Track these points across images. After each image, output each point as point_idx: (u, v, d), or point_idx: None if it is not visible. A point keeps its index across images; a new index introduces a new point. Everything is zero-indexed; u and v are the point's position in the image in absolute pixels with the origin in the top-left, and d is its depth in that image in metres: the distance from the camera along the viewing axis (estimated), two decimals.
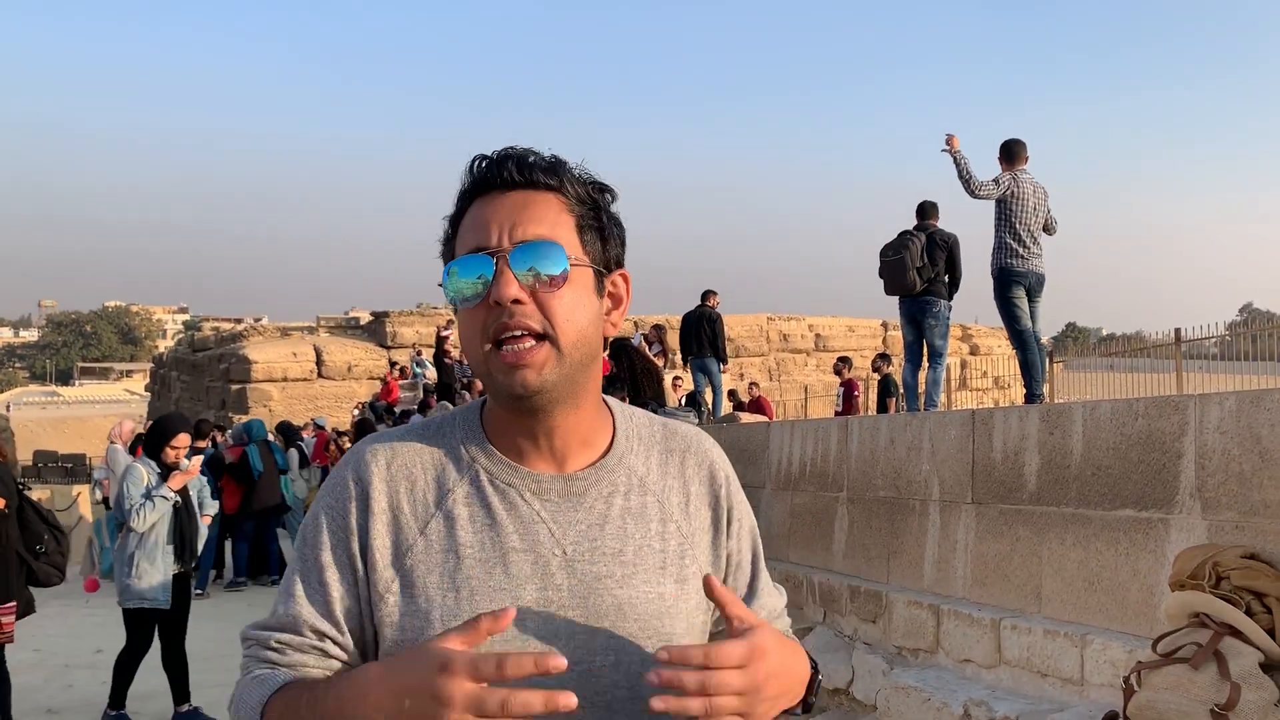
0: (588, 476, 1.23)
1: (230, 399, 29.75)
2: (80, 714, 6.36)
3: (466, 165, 1.21)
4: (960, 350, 35.35)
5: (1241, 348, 18.36)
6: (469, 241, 1.18)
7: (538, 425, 1.20)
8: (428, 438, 1.26)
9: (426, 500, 1.21)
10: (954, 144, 7.70)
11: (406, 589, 1.17)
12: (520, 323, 1.13)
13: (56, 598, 10.88)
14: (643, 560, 1.21)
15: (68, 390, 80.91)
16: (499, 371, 1.15)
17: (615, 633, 1.18)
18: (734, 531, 1.32)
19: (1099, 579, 4.35)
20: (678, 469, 1.30)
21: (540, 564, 1.18)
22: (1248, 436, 3.76)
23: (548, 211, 1.18)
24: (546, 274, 1.15)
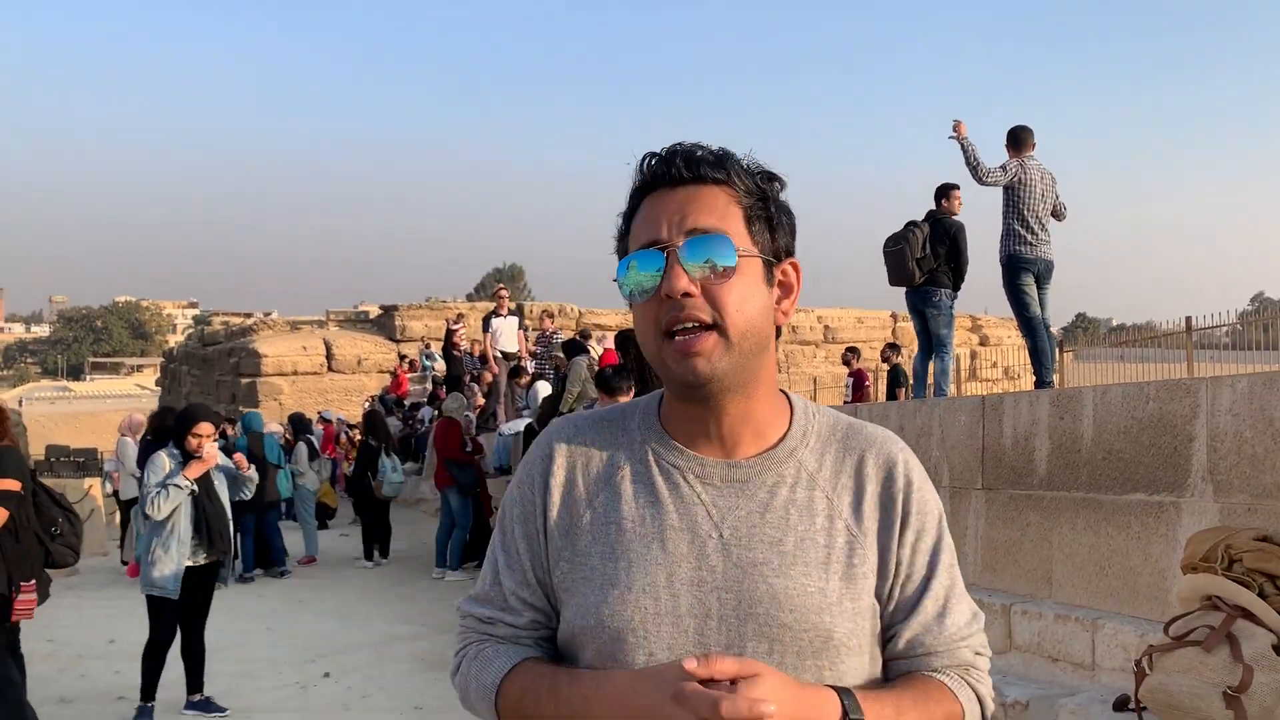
0: (753, 465, 1.25)
1: (241, 393, 29.82)
2: (93, 704, 6.40)
3: (637, 163, 1.26)
4: (970, 341, 35.25)
5: (1253, 336, 18.26)
6: (641, 237, 1.22)
7: (709, 413, 1.24)
8: (609, 421, 1.33)
9: (598, 477, 1.28)
10: (961, 130, 7.66)
11: (575, 557, 1.25)
12: (690, 315, 1.17)
13: (70, 589, 10.95)
14: (803, 553, 1.21)
15: (79, 385, 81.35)
16: (672, 361, 1.19)
17: (769, 620, 1.18)
18: (908, 540, 1.26)
19: (1110, 563, 4.34)
20: (854, 469, 1.28)
21: (696, 544, 1.21)
22: (1260, 418, 3.74)
23: (715, 204, 1.21)
24: (715, 266, 1.18)
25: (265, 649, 7.87)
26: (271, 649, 7.87)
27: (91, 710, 6.25)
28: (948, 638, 1.26)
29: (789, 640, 1.18)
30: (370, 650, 7.73)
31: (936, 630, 1.25)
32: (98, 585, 11.28)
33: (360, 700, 6.38)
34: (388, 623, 8.79)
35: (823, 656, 1.19)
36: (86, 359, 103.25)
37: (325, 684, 6.79)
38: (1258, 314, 20.57)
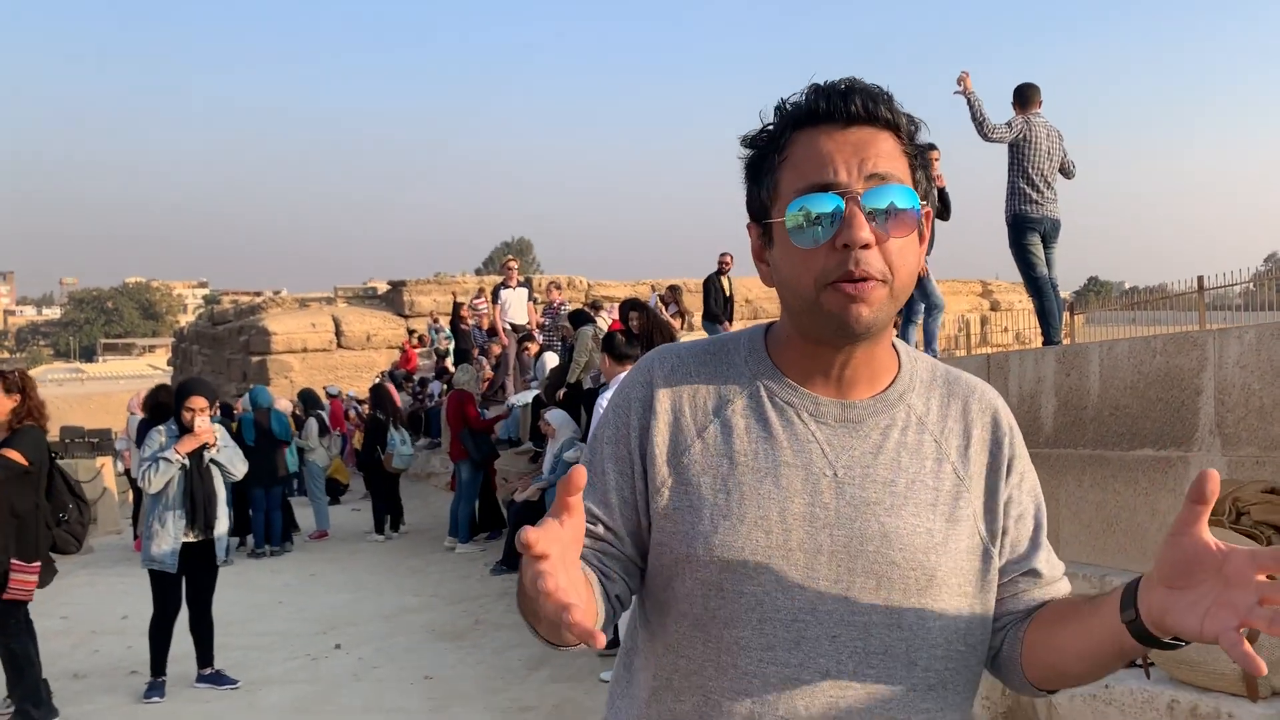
0: (867, 406, 1.25)
1: (251, 371, 29.91)
2: (106, 678, 6.44)
3: (797, 96, 1.20)
4: (981, 306, 35.09)
5: (1266, 296, 18.12)
6: (810, 175, 1.16)
7: (837, 355, 1.22)
8: (712, 353, 1.31)
9: (706, 407, 1.26)
10: (967, 83, 7.54)
11: (680, 485, 1.23)
12: (864, 269, 1.13)
13: (84, 567, 11.04)
14: (914, 494, 1.22)
15: (92, 367, 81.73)
16: (834, 306, 1.15)
17: (879, 558, 1.19)
18: (1014, 481, 1.29)
19: (1117, 520, 4.30)
20: (959, 413, 1.29)
21: (810, 481, 1.20)
22: (1269, 370, 3.68)
23: (892, 150, 1.18)
24: (894, 217, 1.15)
25: (277, 622, 7.91)
26: (283, 622, 7.92)
27: (104, 685, 6.29)
28: (1058, 571, 1.33)
29: (896, 578, 1.19)
30: (381, 622, 7.77)
31: (1057, 564, 1.33)
32: (110, 562, 11.36)
33: (371, 671, 6.41)
34: (399, 595, 8.83)
35: (926, 595, 1.20)
36: (98, 340, 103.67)
37: (336, 655, 6.83)
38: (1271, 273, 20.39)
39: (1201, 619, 1.00)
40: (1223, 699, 3.21)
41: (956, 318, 30.32)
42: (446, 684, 6.04)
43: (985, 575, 1.25)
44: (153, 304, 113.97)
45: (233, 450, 6.23)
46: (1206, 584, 1.01)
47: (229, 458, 6.13)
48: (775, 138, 1.21)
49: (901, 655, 1.19)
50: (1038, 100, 7.63)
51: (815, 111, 1.18)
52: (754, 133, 1.24)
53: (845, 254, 1.13)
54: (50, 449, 5.25)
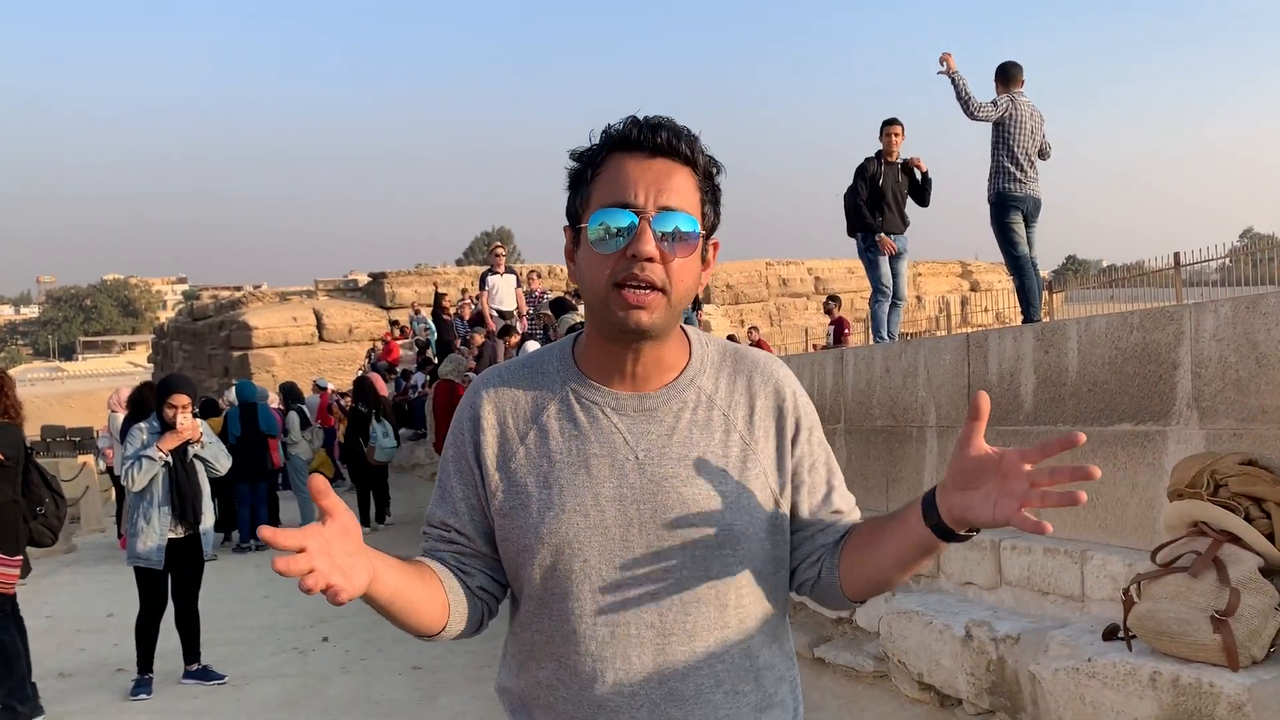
0: (660, 395, 1.46)
1: (233, 366, 29.77)
2: (92, 677, 6.42)
3: (616, 123, 1.41)
4: (961, 286, 35.21)
5: (1242, 272, 18.23)
6: (615, 193, 1.37)
7: (628, 354, 1.43)
8: (529, 368, 1.52)
9: (526, 416, 1.47)
10: (950, 63, 7.53)
11: (511, 487, 1.45)
12: (647, 277, 1.35)
13: (68, 565, 10.99)
14: (706, 464, 1.43)
15: (71, 365, 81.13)
16: (618, 307, 1.36)
17: (681, 522, 1.40)
18: (802, 440, 1.51)
19: (1097, 495, 4.33)
20: (745, 387, 1.50)
21: (616, 466, 1.41)
22: (1244, 342, 3.71)
23: (685, 183, 1.39)
24: (678, 240, 1.37)
25: (264, 616, 7.89)
26: (269, 616, 7.90)
27: (90, 683, 6.26)
28: (852, 503, 1.56)
29: (698, 536, 1.40)
30: (368, 614, 7.68)
31: (850, 498, 1.56)
32: (95, 560, 11.31)
33: (359, 662, 6.40)
34: None
35: (726, 547, 1.41)
36: (78, 338, 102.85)
37: (324, 648, 6.82)
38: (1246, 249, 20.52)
39: (993, 509, 1.26)
40: (1204, 669, 3.24)
41: (937, 298, 30.44)
42: (434, 674, 6.04)
43: (775, 521, 1.47)
44: (132, 301, 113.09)
45: (217, 446, 6.19)
46: (990, 483, 1.27)
47: (213, 453, 6.10)
48: (593, 156, 1.42)
49: (713, 600, 1.41)
50: (1020, 79, 7.64)
51: (628, 139, 1.39)
52: (579, 149, 1.44)
53: (633, 262, 1.34)
54: (26, 445, 5.23)
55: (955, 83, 7.47)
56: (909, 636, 4.69)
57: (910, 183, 8.76)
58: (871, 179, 8.69)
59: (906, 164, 8.86)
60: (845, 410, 6.35)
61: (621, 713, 1.39)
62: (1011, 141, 7.48)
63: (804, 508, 1.50)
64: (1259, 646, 3.23)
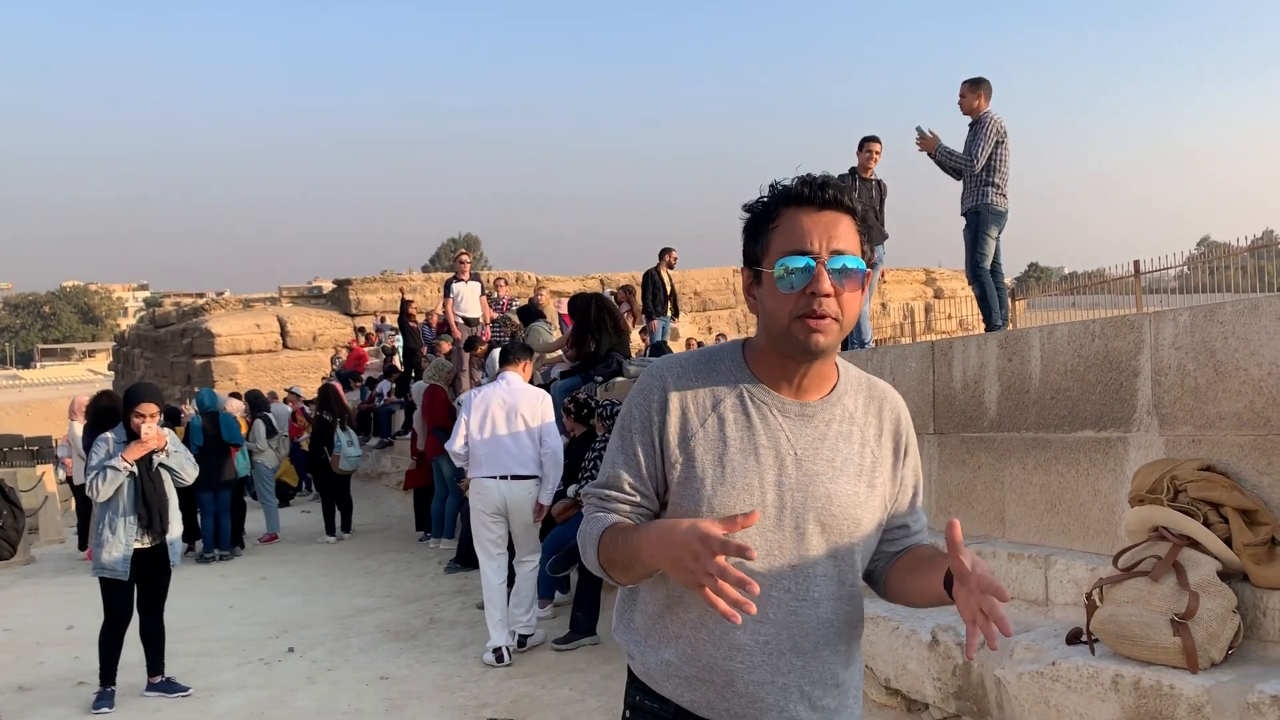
0: (817, 405, 1.77)
1: (195, 373, 29.40)
2: (52, 690, 6.32)
3: (788, 180, 1.71)
4: (924, 294, 35.52)
5: (1200, 279, 18.57)
6: (795, 241, 1.67)
7: (800, 368, 1.73)
8: (704, 364, 1.80)
9: (705, 405, 1.76)
10: (928, 144, 7.55)
11: (688, 462, 1.74)
12: (825, 310, 1.64)
13: (27, 577, 10.81)
14: (847, 467, 1.76)
15: (29, 373, 79.76)
16: (801, 334, 1.66)
17: (824, 512, 1.73)
18: (909, 464, 1.86)
19: (1061, 501, 4.39)
20: (876, 411, 1.83)
21: (779, 458, 1.72)
22: (1202, 350, 3.78)
23: (848, 229, 1.68)
24: (847, 277, 1.66)
25: (228, 627, 7.81)
26: (234, 627, 7.81)
27: (51, 697, 6.17)
28: (923, 525, 1.92)
29: (834, 525, 1.74)
30: (334, 624, 7.70)
31: (924, 521, 1.92)
32: (54, 572, 11.13)
33: (325, 673, 6.35)
34: (351, 596, 8.76)
35: (854, 535, 1.76)
36: (36, 346, 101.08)
37: (290, 659, 6.76)
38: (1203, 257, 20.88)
39: (962, 607, 1.54)
40: (1164, 671, 3.29)
41: (901, 306, 30.69)
42: (402, 684, 6.01)
43: (882, 524, 1.84)
44: (92, 307, 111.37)
45: (183, 454, 6.11)
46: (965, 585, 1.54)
47: (179, 462, 6.03)
48: (769, 209, 1.72)
49: (835, 577, 1.76)
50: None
51: (800, 195, 1.69)
52: (752, 202, 1.75)
53: (812, 299, 1.64)
54: None
55: (939, 158, 7.53)
56: (876, 641, 4.73)
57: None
58: None
59: (880, 182, 8.96)
60: None
61: (755, 654, 1.71)
62: (1000, 160, 7.53)
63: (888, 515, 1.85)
64: (1218, 649, 3.29)
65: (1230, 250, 19.08)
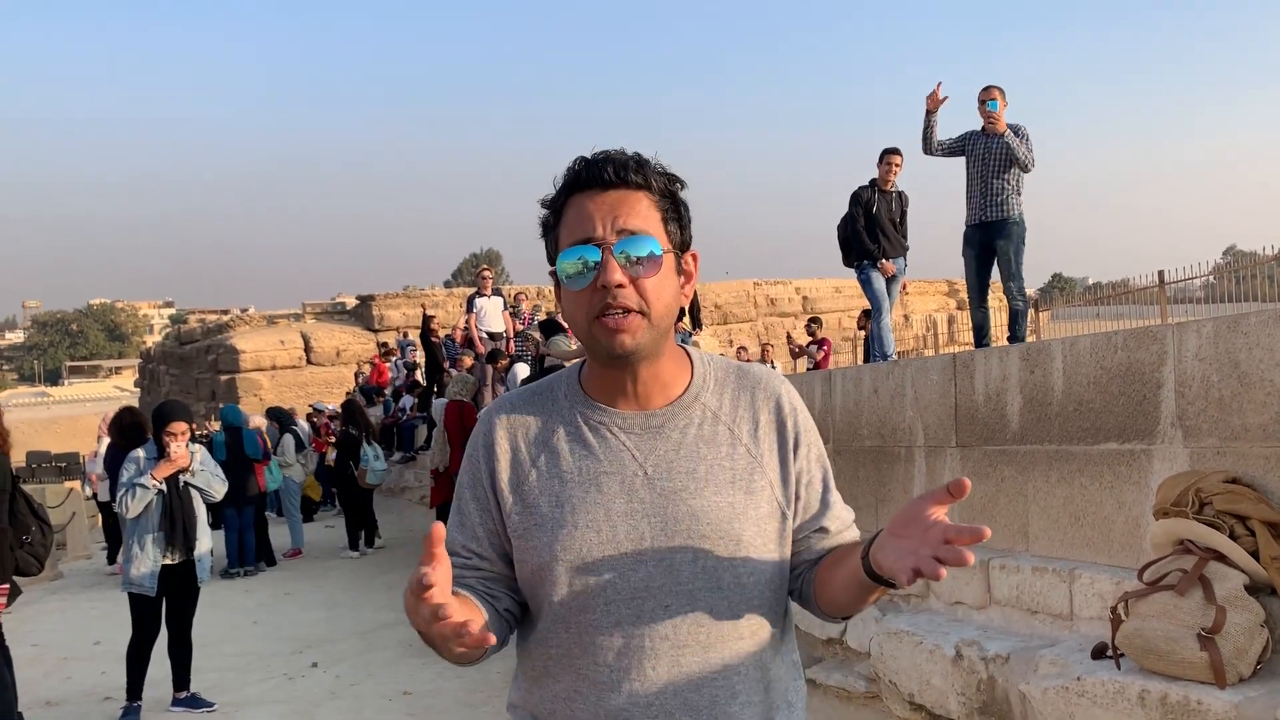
0: (665, 413, 1.51)
1: (220, 390, 29.65)
2: (79, 705, 6.37)
3: (569, 165, 1.47)
4: (947, 305, 35.36)
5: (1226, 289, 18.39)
6: (576, 232, 1.43)
7: (626, 376, 1.48)
8: (538, 395, 1.58)
9: (537, 440, 1.52)
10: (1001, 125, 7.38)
11: (526, 509, 1.49)
12: (620, 302, 1.40)
13: (54, 593, 10.90)
14: (714, 476, 1.47)
15: (57, 390, 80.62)
16: (602, 336, 1.42)
17: (691, 534, 1.44)
18: (801, 454, 1.55)
19: (1084, 514, 4.36)
20: (748, 402, 1.55)
21: (626, 483, 1.46)
22: (1226, 361, 3.75)
23: (639, 207, 1.44)
24: (642, 262, 1.41)
25: (252, 642, 7.85)
26: (258, 642, 7.85)
27: (78, 712, 6.22)
28: (849, 519, 1.60)
29: (708, 547, 1.44)
30: (358, 639, 7.72)
31: (845, 516, 1.59)
32: (81, 588, 11.22)
33: (349, 688, 6.37)
34: (375, 610, 8.78)
35: (736, 557, 1.45)
36: (64, 363, 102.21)
37: (313, 674, 6.78)
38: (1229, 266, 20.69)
39: (893, 560, 1.27)
40: (1191, 687, 3.26)
41: (924, 317, 30.56)
42: (425, 699, 6.02)
43: (782, 533, 1.52)
44: (118, 325, 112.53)
45: (210, 471, 6.17)
46: (913, 538, 1.25)
47: (206, 480, 6.08)
48: (555, 201, 1.49)
49: (724, 611, 1.44)
50: None
51: (579, 179, 1.45)
52: (546, 197, 1.51)
53: (603, 293, 1.40)
54: (13, 473, 5.22)
55: (1011, 148, 7.35)
56: (900, 657, 4.70)
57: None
58: (866, 206, 8.76)
59: (902, 194, 8.96)
60: (834, 430, 6.37)
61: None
62: (1021, 167, 7.45)
63: (796, 521, 1.54)
64: (1245, 664, 3.25)
65: (1257, 259, 18.90)
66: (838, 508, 1.59)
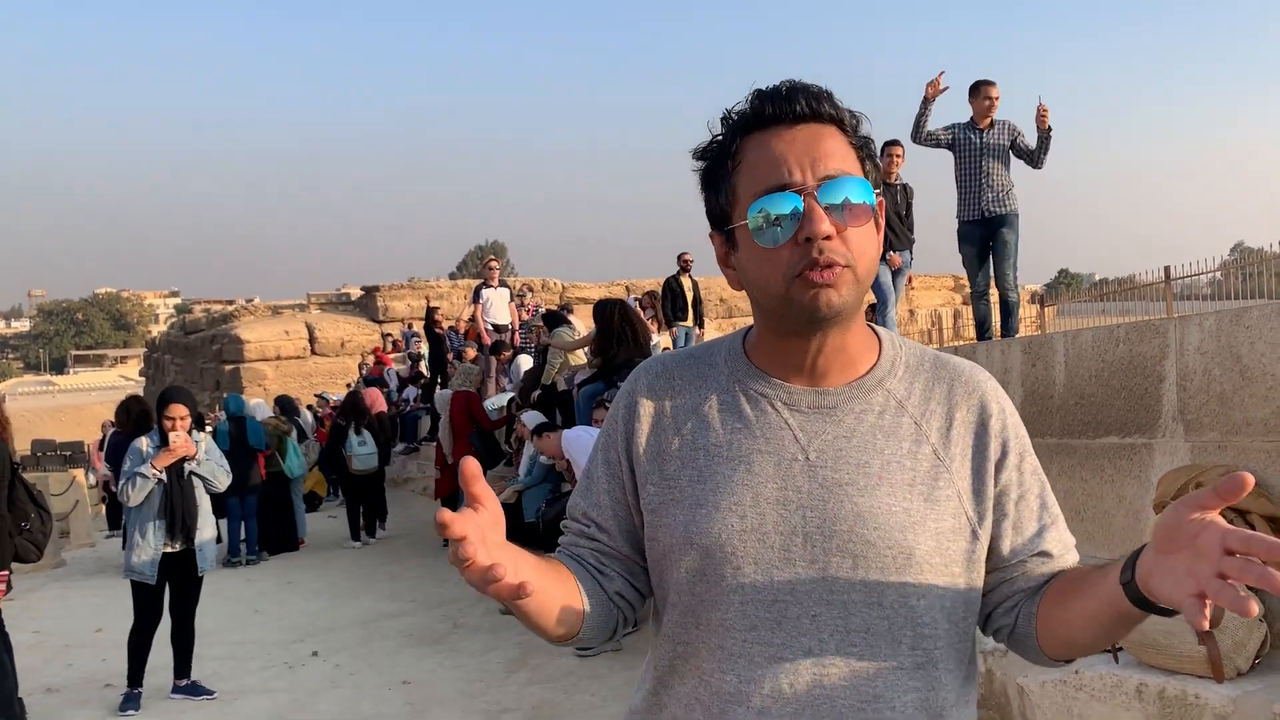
0: (842, 393, 1.28)
1: (224, 380, 29.71)
2: (80, 692, 6.39)
3: (744, 101, 1.24)
4: (953, 300, 35.31)
5: (1233, 285, 18.35)
6: (765, 178, 1.20)
7: (807, 345, 1.26)
8: (694, 357, 1.38)
9: (686, 406, 1.33)
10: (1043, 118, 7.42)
11: (662, 480, 1.30)
12: (829, 258, 1.18)
13: (56, 580, 10.95)
14: (889, 474, 1.24)
15: (63, 379, 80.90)
16: (803, 295, 1.19)
17: (853, 537, 1.21)
18: (1010, 465, 1.29)
19: (1085, 507, 4.35)
20: (943, 396, 1.30)
21: (783, 466, 1.24)
22: (1228, 356, 3.74)
23: (840, 145, 1.22)
24: (851, 210, 1.20)
25: (253, 631, 7.87)
26: (259, 631, 7.87)
27: (78, 698, 6.24)
28: (1068, 544, 1.32)
29: (872, 557, 1.21)
30: (359, 628, 7.74)
31: (1066, 539, 1.32)
32: (83, 575, 11.27)
33: (349, 677, 6.39)
34: (376, 600, 8.80)
35: (906, 573, 1.21)
36: (69, 352, 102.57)
37: (314, 663, 6.80)
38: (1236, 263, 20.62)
39: (1171, 587, 1.03)
40: (1189, 681, 3.26)
41: (929, 312, 30.53)
42: (425, 688, 6.03)
43: (972, 555, 1.26)
44: (123, 314, 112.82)
45: (215, 462, 6.17)
46: (1184, 552, 1.02)
47: (211, 470, 6.08)
48: (726, 146, 1.25)
49: (884, 633, 1.20)
50: None
51: (761, 115, 1.22)
52: (704, 144, 1.29)
53: (808, 247, 1.18)
54: (13, 460, 5.24)
55: (1044, 138, 7.43)
56: None
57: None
58: None
59: (906, 186, 8.93)
60: None
61: None
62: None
63: (1005, 544, 1.28)
64: (1243, 658, 3.24)
65: (1264, 256, 18.83)
66: (1060, 528, 1.32)
